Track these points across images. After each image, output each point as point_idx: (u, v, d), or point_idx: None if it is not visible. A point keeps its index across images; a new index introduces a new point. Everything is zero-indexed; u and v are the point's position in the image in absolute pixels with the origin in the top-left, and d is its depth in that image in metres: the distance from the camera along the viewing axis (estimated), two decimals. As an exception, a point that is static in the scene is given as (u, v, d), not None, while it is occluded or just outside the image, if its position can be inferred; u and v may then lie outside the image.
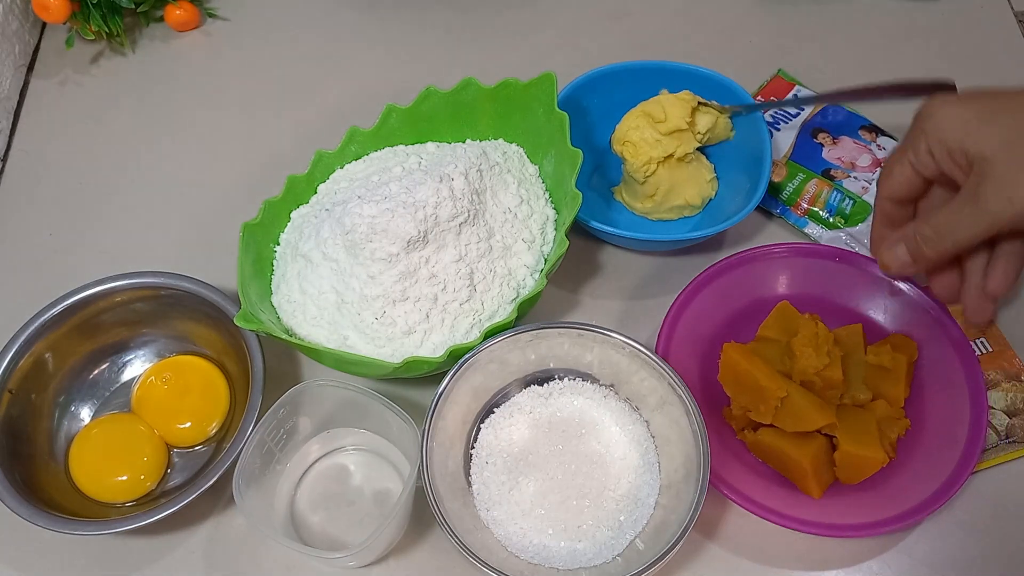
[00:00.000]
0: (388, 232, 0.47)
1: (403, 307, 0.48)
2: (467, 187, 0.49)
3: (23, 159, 0.67)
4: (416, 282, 0.48)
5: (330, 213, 0.51)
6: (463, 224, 0.49)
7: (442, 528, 0.43)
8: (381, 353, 0.48)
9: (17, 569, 0.50)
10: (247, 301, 0.48)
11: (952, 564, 0.48)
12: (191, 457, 0.53)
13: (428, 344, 0.49)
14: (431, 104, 0.56)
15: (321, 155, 0.56)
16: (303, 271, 0.51)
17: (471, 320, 0.49)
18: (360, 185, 0.52)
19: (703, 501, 0.43)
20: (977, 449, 0.47)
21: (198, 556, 0.50)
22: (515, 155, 0.55)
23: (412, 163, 0.55)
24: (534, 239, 0.52)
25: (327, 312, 0.49)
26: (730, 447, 0.50)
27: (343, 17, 0.75)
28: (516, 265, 0.51)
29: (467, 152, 0.52)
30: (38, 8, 0.67)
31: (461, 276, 0.48)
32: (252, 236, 0.52)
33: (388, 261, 0.47)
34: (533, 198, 0.53)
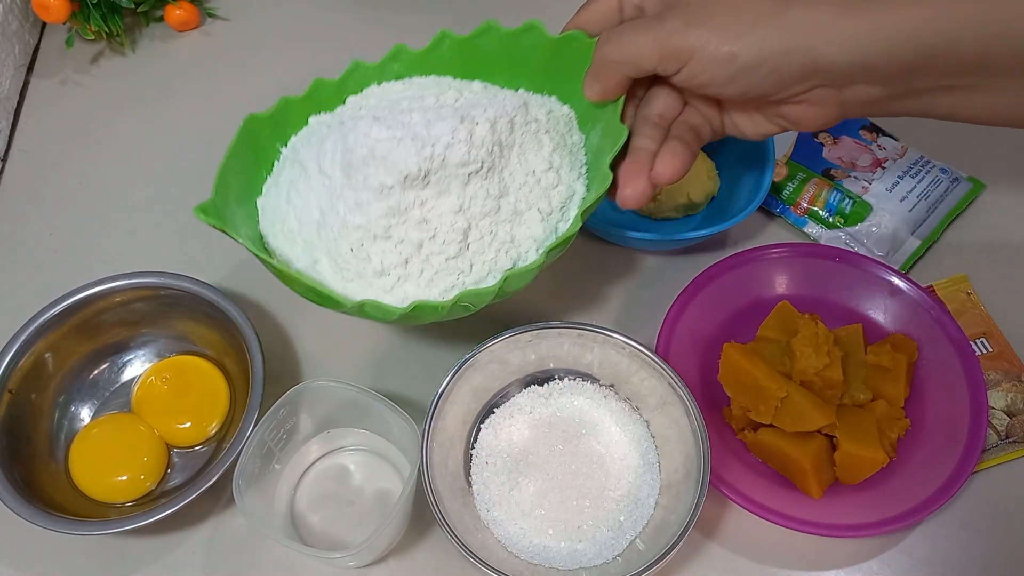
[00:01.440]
0: (387, 160, 0.42)
1: (382, 245, 0.43)
2: (490, 136, 0.43)
3: (23, 159, 0.67)
4: (404, 222, 0.43)
5: (342, 126, 0.46)
6: (473, 174, 0.43)
7: (442, 528, 0.43)
8: (347, 289, 0.44)
9: (17, 569, 0.50)
10: (219, 192, 0.44)
11: (952, 564, 0.48)
12: (191, 457, 0.53)
13: (398, 291, 0.44)
14: (488, 41, 0.50)
15: (357, 65, 0.51)
16: (295, 179, 0.47)
17: (452, 280, 0.44)
18: (385, 106, 0.47)
19: (703, 501, 0.43)
20: (977, 449, 0.47)
21: (198, 556, 0.50)
22: (563, 118, 0.48)
23: (449, 97, 0.48)
24: (551, 212, 0.46)
25: (306, 229, 0.45)
26: (730, 447, 0.50)
27: (343, 17, 0.75)
28: (523, 235, 0.45)
29: (505, 100, 0.46)
30: (38, 8, 0.67)
31: (455, 229, 0.43)
32: (254, 129, 0.48)
33: (379, 192, 0.43)
34: (566, 168, 0.46)
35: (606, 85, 0.43)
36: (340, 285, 0.45)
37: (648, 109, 0.44)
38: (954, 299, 0.56)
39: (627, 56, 0.41)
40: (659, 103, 0.44)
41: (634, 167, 0.42)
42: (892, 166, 0.61)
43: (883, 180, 0.60)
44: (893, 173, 0.60)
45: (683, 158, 0.41)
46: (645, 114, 0.44)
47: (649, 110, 0.44)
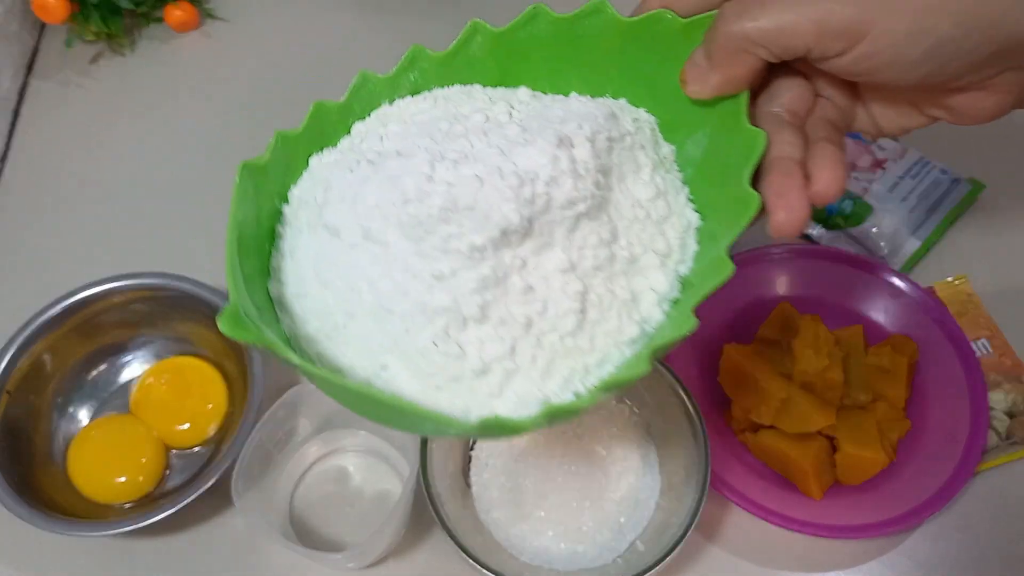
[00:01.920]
0: (475, 212, 0.30)
1: (480, 331, 0.31)
2: (593, 161, 0.32)
3: (23, 159, 0.67)
4: (505, 294, 0.31)
5: (376, 168, 0.33)
6: (582, 216, 0.32)
7: (442, 530, 0.43)
8: (439, 399, 0.31)
9: (16, 570, 0.50)
10: (237, 291, 0.31)
11: (953, 565, 0.48)
12: (190, 458, 0.53)
13: (510, 394, 0.31)
14: (535, 32, 0.38)
15: (366, 78, 0.38)
16: (325, 250, 0.33)
17: (572, 364, 0.31)
18: (422, 133, 0.34)
19: (704, 502, 0.43)
20: (978, 450, 0.47)
21: (197, 558, 0.50)
22: (647, 127, 0.37)
23: (499, 112, 0.36)
24: (670, 252, 0.34)
25: (357, 322, 0.32)
26: (731, 448, 0.49)
27: (343, 17, 0.74)
28: (641, 288, 0.33)
29: (592, 111, 0.34)
30: (37, 9, 0.67)
31: (569, 294, 0.31)
32: (254, 184, 0.35)
33: (469, 257, 0.30)
34: (672, 192, 0.35)
35: (731, 74, 0.32)
36: (427, 395, 0.31)
37: (774, 105, 0.34)
38: (955, 300, 0.56)
39: (770, 33, 0.30)
40: (789, 96, 0.34)
41: (785, 183, 0.31)
42: (892, 167, 0.61)
43: (883, 181, 0.60)
44: (893, 174, 0.60)
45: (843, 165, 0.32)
46: (772, 111, 0.33)
47: (776, 106, 0.34)
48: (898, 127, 0.36)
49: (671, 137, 0.37)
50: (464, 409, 0.30)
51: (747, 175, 0.31)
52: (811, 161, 0.32)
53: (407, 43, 0.74)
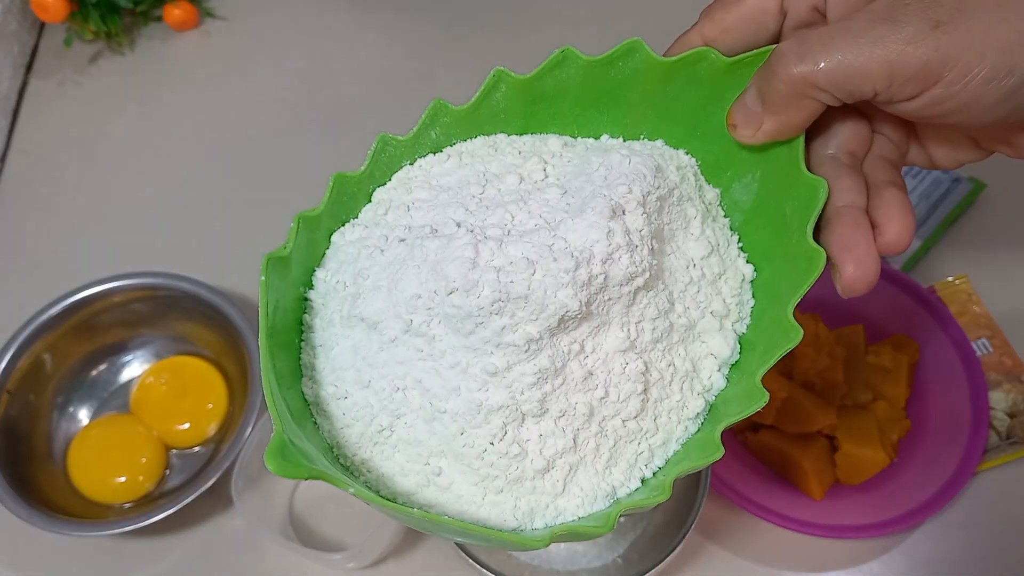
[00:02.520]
0: (530, 301, 0.27)
1: (540, 426, 0.29)
2: (648, 227, 0.29)
3: (22, 159, 0.67)
4: (564, 384, 0.28)
5: (411, 249, 0.30)
6: (639, 290, 0.29)
7: (442, 530, 0.43)
8: (498, 503, 0.29)
9: (16, 570, 0.50)
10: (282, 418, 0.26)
11: (953, 565, 0.48)
12: (190, 458, 0.53)
13: (574, 489, 0.29)
14: (564, 76, 0.34)
15: (386, 141, 0.33)
16: (363, 346, 0.30)
17: (637, 449, 0.30)
18: (452, 201, 0.31)
19: (704, 502, 0.43)
20: (978, 450, 0.47)
21: (197, 557, 0.50)
22: (690, 172, 0.34)
23: (533, 170, 0.33)
24: (728, 312, 0.31)
25: (407, 423, 0.29)
26: (731, 448, 0.49)
27: (342, 17, 0.74)
28: (701, 354, 0.31)
29: (637, 167, 0.31)
30: (37, 8, 0.67)
31: (631, 376, 0.29)
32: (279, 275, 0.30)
33: (525, 350, 0.28)
34: (723, 244, 0.32)
35: (788, 120, 0.30)
36: (486, 502, 0.29)
37: (830, 147, 0.31)
38: (955, 300, 0.56)
39: (836, 78, 0.28)
40: (845, 136, 0.31)
41: (853, 236, 0.28)
42: (893, 166, 0.60)
43: (884, 180, 0.60)
44: (894, 173, 0.60)
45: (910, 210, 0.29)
46: (829, 154, 0.31)
47: (833, 148, 0.31)
48: (954, 161, 0.34)
49: (715, 180, 0.34)
50: (528, 512, 0.29)
51: (810, 228, 0.29)
52: (877, 210, 0.30)
53: (407, 40, 0.73)
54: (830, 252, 0.29)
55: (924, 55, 0.26)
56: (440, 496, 0.29)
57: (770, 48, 0.30)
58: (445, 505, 0.29)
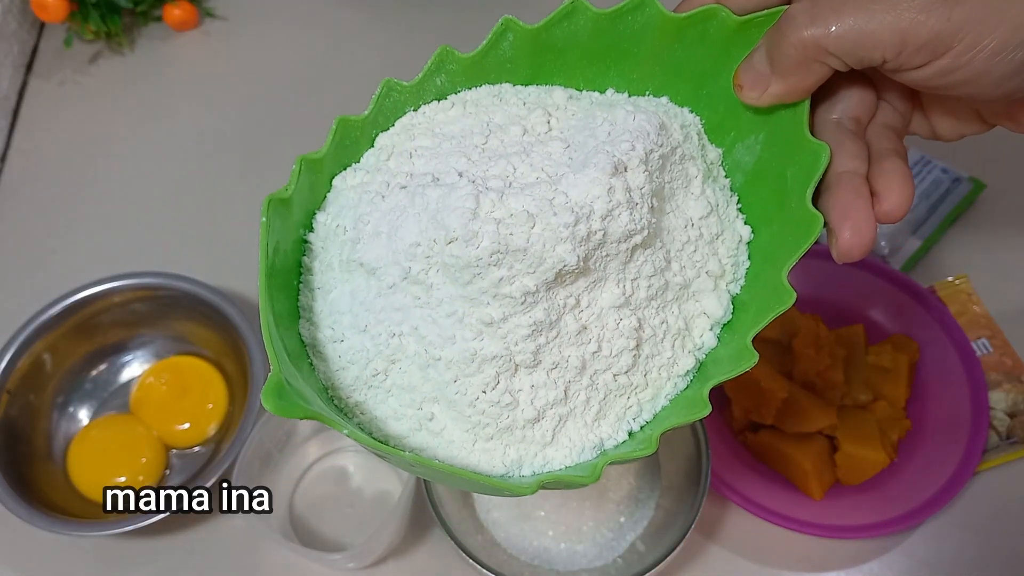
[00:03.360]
0: (528, 254, 0.27)
1: (532, 377, 0.29)
2: (649, 186, 0.29)
3: (22, 159, 0.67)
4: (558, 337, 0.29)
5: (411, 196, 0.30)
6: (637, 247, 0.29)
7: (442, 530, 0.43)
8: (488, 450, 0.30)
9: (16, 570, 0.50)
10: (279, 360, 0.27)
11: (953, 565, 0.48)
12: (190, 458, 0.53)
13: (563, 439, 0.30)
14: (573, 28, 0.34)
15: (391, 87, 0.34)
16: (361, 291, 0.30)
17: (625, 403, 0.30)
18: (455, 150, 0.31)
19: (704, 502, 0.43)
20: (978, 450, 0.47)
21: (196, 557, 0.50)
22: (694, 131, 0.33)
23: (537, 123, 0.32)
24: (723, 272, 0.32)
25: (401, 369, 0.30)
26: (731, 448, 0.49)
27: (342, 16, 0.74)
28: (694, 312, 0.31)
29: (642, 124, 0.30)
30: (37, 8, 0.67)
31: (624, 331, 0.29)
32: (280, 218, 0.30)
33: (521, 302, 0.28)
34: (723, 204, 0.33)
35: (796, 83, 0.30)
36: (476, 448, 0.30)
37: (835, 112, 0.31)
38: (955, 300, 0.56)
39: (846, 43, 0.28)
40: (851, 102, 0.31)
41: (852, 202, 0.29)
42: (893, 166, 0.60)
43: (884, 180, 0.60)
44: (894, 173, 0.60)
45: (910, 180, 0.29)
46: (834, 119, 0.31)
47: (838, 113, 0.31)
48: (956, 134, 0.33)
49: (718, 139, 0.34)
50: (516, 460, 0.29)
51: (809, 193, 0.29)
52: (878, 178, 0.29)
53: (407, 39, 0.73)
54: (828, 217, 0.29)
55: (936, 25, 0.26)
56: (431, 441, 0.30)
57: (781, 9, 0.30)
58: (436, 450, 0.30)
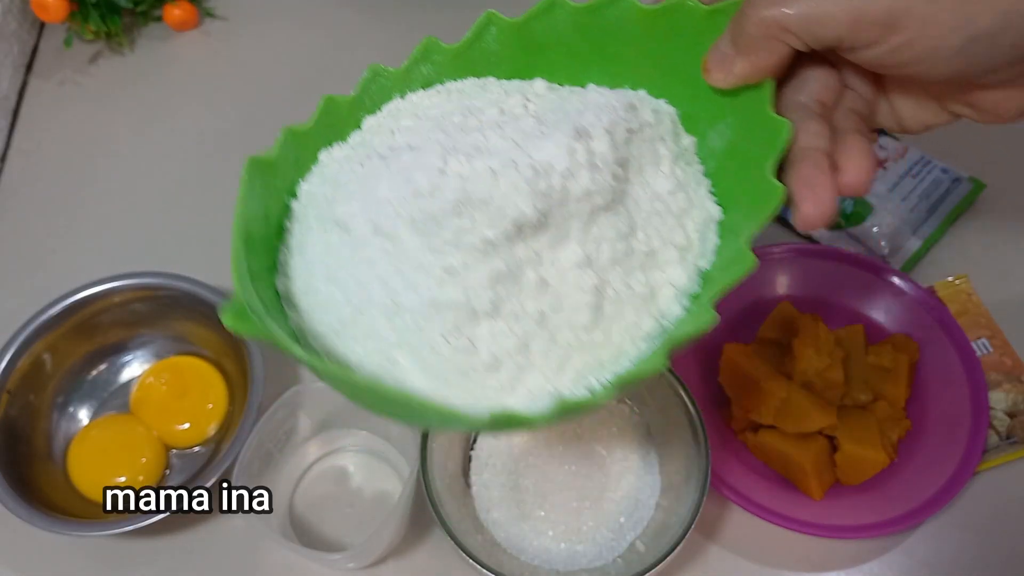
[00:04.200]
0: (489, 205, 0.30)
1: (491, 326, 0.30)
2: (612, 153, 0.31)
3: (22, 159, 0.67)
4: (518, 289, 0.30)
5: (387, 163, 0.33)
6: (599, 209, 0.31)
7: (442, 530, 0.43)
8: (450, 395, 0.31)
9: (16, 570, 0.50)
10: (242, 284, 0.31)
11: (953, 565, 0.48)
12: (190, 458, 0.53)
13: (522, 390, 0.31)
14: (552, 22, 0.37)
15: (377, 72, 0.37)
16: (335, 246, 0.33)
17: (587, 360, 0.31)
18: (435, 127, 0.34)
19: (704, 502, 0.43)
20: (978, 450, 0.47)
21: (197, 557, 0.50)
22: (667, 118, 0.36)
23: (514, 105, 0.35)
24: (689, 246, 0.33)
25: (367, 318, 0.31)
26: (731, 448, 0.49)
27: (342, 16, 0.74)
28: (659, 283, 0.32)
29: (611, 102, 0.34)
30: (37, 8, 0.67)
31: (584, 288, 0.31)
32: (262, 180, 0.34)
33: (481, 251, 0.30)
34: (692, 184, 0.35)
35: (758, 62, 0.31)
36: (437, 390, 0.31)
37: (801, 95, 0.33)
38: (955, 299, 0.56)
39: (802, 21, 0.29)
40: (816, 85, 0.33)
41: (813, 174, 0.30)
42: (893, 166, 0.60)
43: (884, 180, 0.60)
44: (894, 173, 0.60)
45: (872, 156, 0.31)
46: (799, 101, 0.32)
47: (803, 96, 0.33)
48: (920, 123, 0.35)
49: (693, 128, 0.36)
50: (474, 404, 0.30)
51: (771, 165, 0.31)
52: (840, 152, 0.31)
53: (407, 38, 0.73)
54: (791, 189, 0.30)
55: (887, 3, 0.28)
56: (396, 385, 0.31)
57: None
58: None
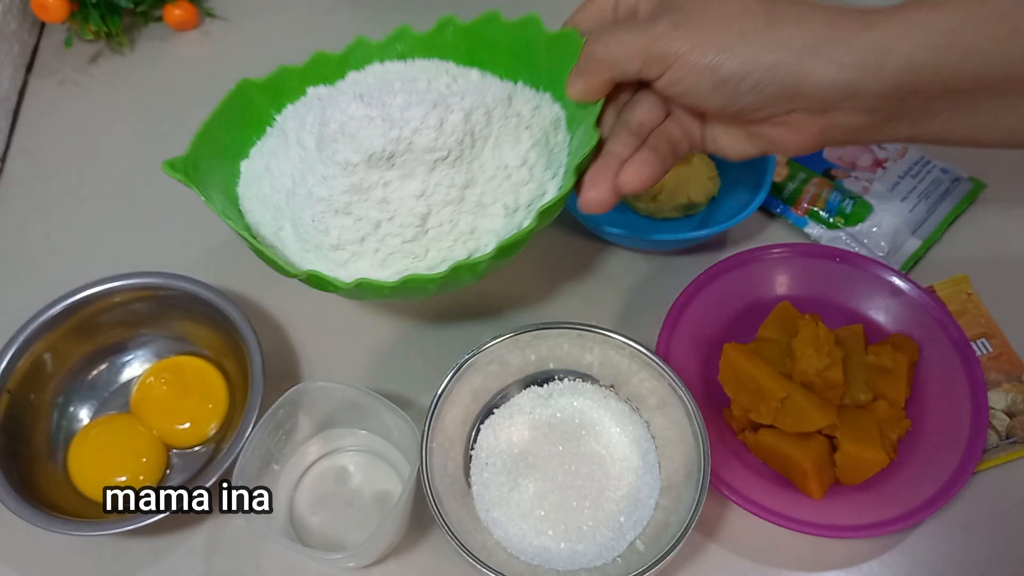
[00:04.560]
0: (355, 138, 0.43)
1: (342, 220, 0.44)
2: (463, 126, 0.44)
3: (22, 159, 0.67)
4: (365, 200, 0.44)
5: (331, 100, 0.48)
6: (440, 161, 0.44)
7: (442, 529, 0.43)
8: (304, 259, 0.46)
9: (16, 570, 0.50)
10: (196, 150, 0.46)
11: (953, 565, 0.48)
12: (190, 458, 0.53)
13: (351, 267, 0.45)
14: (490, 31, 0.50)
15: (361, 41, 0.52)
16: (277, 148, 0.49)
17: (405, 263, 0.45)
18: (378, 84, 0.48)
19: (703, 502, 0.43)
20: (978, 450, 0.47)
21: (197, 557, 0.50)
22: (551, 116, 0.47)
23: (441, 82, 0.49)
24: (517, 209, 0.45)
25: (277, 196, 0.47)
26: (731, 448, 0.49)
27: (342, 17, 0.74)
28: (484, 228, 0.45)
29: (488, 90, 0.46)
30: (37, 8, 0.67)
31: (414, 213, 0.44)
32: (248, 93, 0.50)
33: (344, 168, 0.44)
34: (541, 166, 0.46)
35: (589, 84, 0.42)
36: (299, 254, 0.46)
37: (629, 115, 0.42)
38: (955, 299, 0.56)
39: (612, 56, 0.40)
40: (641, 110, 0.42)
41: (601, 171, 0.41)
42: (893, 166, 0.60)
43: (884, 180, 0.60)
44: (894, 173, 0.60)
45: (652, 168, 0.40)
46: (626, 119, 0.42)
47: (630, 116, 0.42)
48: (737, 152, 0.43)
49: (571, 128, 0.47)
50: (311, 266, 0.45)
51: (575, 161, 0.42)
52: (628, 161, 0.40)
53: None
54: (583, 179, 0.41)
55: (664, 46, 0.37)
56: (278, 244, 0.47)
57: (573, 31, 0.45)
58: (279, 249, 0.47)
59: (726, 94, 0.38)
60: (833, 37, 0.35)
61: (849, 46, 0.35)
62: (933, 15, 0.35)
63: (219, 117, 0.48)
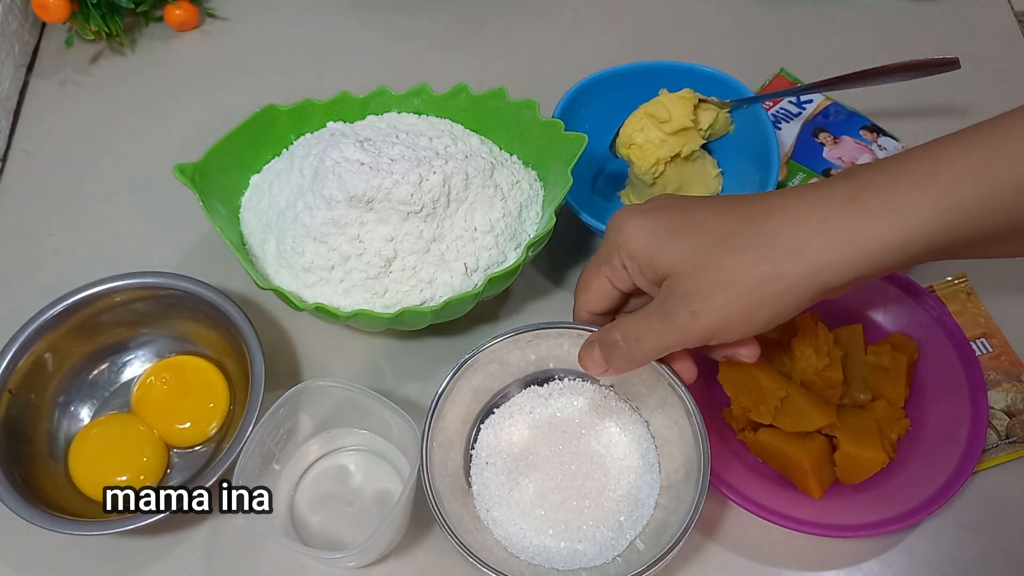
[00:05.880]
0: (342, 179, 0.48)
1: (317, 247, 0.49)
2: (440, 188, 0.49)
3: (23, 159, 0.67)
4: (341, 234, 0.49)
5: (340, 139, 0.52)
6: (412, 214, 0.49)
7: (442, 529, 0.43)
8: (279, 275, 0.51)
9: (16, 569, 0.50)
10: (209, 161, 0.52)
11: (952, 564, 0.48)
12: (191, 457, 0.53)
13: (316, 289, 0.50)
14: (496, 104, 0.56)
15: (383, 90, 0.57)
16: (284, 169, 0.54)
17: (364, 297, 0.50)
18: (383, 133, 0.54)
19: (703, 501, 0.43)
20: (977, 449, 0.47)
21: (198, 556, 0.50)
22: (533, 193, 0.54)
23: (441, 143, 0.54)
24: (476, 270, 0.51)
25: (271, 213, 0.53)
26: (730, 447, 0.49)
27: (343, 17, 0.75)
28: (442, 280, 0.50)
29: (476, 158, 0.51)
30: (38, 8, 0.67)
31: (381, 255, 0.49)
32: (273, 117, 0.55)
33: (328, 202, 0.49)
34: (506, 236, 0.51)
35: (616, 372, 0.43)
36: (274, 269, 0.52)
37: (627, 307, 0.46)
38: (954, 299, 0.56)
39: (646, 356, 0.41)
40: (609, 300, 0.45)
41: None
42: (892, 166, 0.60)
43: (883, 180, 0.60)
44: (893, 173, 0.60)
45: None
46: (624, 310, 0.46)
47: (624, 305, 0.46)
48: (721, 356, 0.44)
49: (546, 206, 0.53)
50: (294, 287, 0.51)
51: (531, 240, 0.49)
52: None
53: (404, 40, 0.74)
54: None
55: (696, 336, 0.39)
56: (261, 256, 0.53)
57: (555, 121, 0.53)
58: (259, 262, 0.52)
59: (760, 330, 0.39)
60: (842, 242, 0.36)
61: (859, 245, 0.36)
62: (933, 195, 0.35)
63: (239, 133, 0.54)
